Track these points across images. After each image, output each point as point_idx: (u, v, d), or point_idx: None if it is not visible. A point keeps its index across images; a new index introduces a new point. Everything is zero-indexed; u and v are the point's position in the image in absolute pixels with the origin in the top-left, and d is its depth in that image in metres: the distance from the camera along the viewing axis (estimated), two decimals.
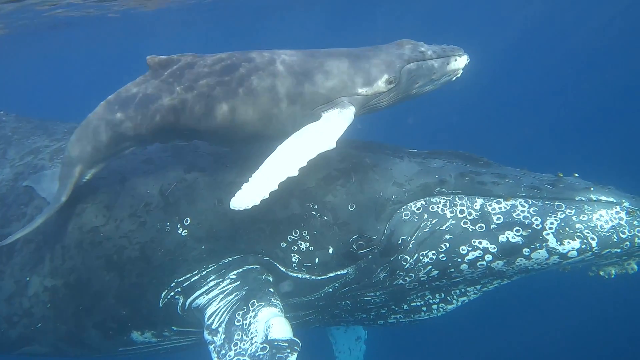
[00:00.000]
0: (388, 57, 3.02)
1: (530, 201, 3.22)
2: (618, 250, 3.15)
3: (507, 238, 3.20)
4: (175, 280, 3.46)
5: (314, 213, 3.31)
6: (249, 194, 2.71)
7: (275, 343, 2.93)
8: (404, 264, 3.34)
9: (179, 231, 3.38)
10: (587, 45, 24.97)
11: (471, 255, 3.25)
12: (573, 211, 3.15)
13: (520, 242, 3.18)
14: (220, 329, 3.21)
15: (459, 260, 3.27)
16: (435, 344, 9.92)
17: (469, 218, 3.24)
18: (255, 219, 3.29)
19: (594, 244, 3.10)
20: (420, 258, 3.31)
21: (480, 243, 3.23)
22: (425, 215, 3.28)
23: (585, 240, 3.10)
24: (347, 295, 3.67)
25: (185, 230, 3.38)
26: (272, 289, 3.37)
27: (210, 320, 3.28)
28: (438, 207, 3.28)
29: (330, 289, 3.53)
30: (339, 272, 3.42)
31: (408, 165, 3.47)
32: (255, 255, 3.40)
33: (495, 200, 3.25)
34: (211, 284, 3.43)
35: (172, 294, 3.50)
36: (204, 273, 3.44)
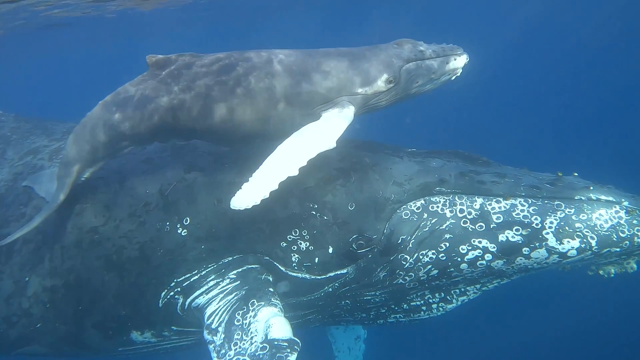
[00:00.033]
0: (387, 57, 3.02)
1: (529, 200, 3.22)
2: (617, 249, 3.15)
3: (507, 237, 3.20)
4: (175, 280, 3.45)
5: (314, 212, 3.31)
6: (249, 194, 2.71)
7: (275, 343, 2.93)
8: (404, 263, 3.34)
9: (179, 231, 3.38)
10: (587, 44, 24.97)
11: (471, 255, 3.25)
12: (572, 210, 3.15)
13: (519, 242, 3.18)
14: (220, 328, 3.21)
15: (459, 259, 3.27)
16: (435, 343, 9.91)
17: (469, 217, 3.24)
18: (255, 219, 3.28)
19: (593, 243, 3.10)
20: (420, 257, 3.31)
21: (480, 242, 3.23)
22: (425, 215, 3.28)
23: (584, 240, 3.11)
24: (347, 295, 3.66)
25: (185, 230, 3.38)
26: (272, 289, 3.36)
27: (210, 320, 3.28)
28: (438, 207, 3.28)
29: (330, 289, 3.53)
30: (339, 272, 3.42)
31: (408, 165, 3.46)
32: (255, 254, 3.40)
33: (494, 200, 3.25)
34: (211, 283, 3.43)
35: (172, 293, 3.49)
36: (203, 273, 3.44)
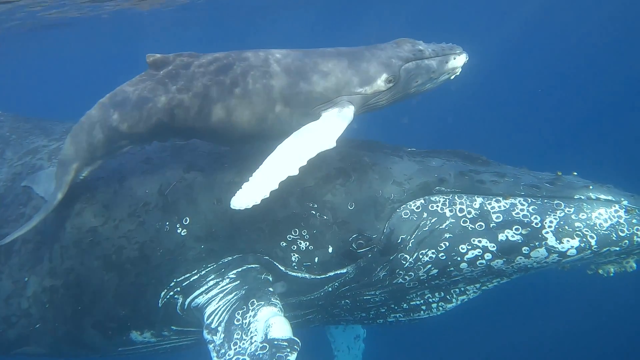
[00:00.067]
0: (387, 56, 3.02)
1: (529, 200, 3.22)
2: (617, 248, 3.15)
3: (507, 237, 3.20)
4: (175, 280, 3.45)
5: (314, 212, 3.31)
6: (249, 194, 2.70)
7: (275, 342, 2.93)
8: (404, 262, 3.34)
9: (178, 231, 3.38)
10: (586, 43, 24.98)
11: (471, 254, 3.25)
12: (572, 210, 3.15)
13: (519, 241, 3.18)
14: (220, 328, 3.20)
15: (459, 259, 3.27)
16: (435, 342, 9.91)
17: (469, 217, 3.24)
18: (255, 219, 3.28)
19: (593, 242, 3.11)
20: (420, 257, 3.31)
21: (479, 242, 3.22)
22: (425, 214, 3.28)
23: (584, 239, 3.11)
24: (347, 295, 3.66)
25: (185, 230, 3.37)
26: (272, 288, 3.36)
27: (210, 320, 3.28)
28: (437, 206, 3.28)
29: (330, 288, 3.52)
30: (339, 271, 3.41)
31: (407, 164, 3.46)
32: (254, 254, 3.39)
33: (494, 199, 3.25)
34: (210, 283, 3.43)
35: (172, 293, 3.49)
36: (203, 272, 3.43)
